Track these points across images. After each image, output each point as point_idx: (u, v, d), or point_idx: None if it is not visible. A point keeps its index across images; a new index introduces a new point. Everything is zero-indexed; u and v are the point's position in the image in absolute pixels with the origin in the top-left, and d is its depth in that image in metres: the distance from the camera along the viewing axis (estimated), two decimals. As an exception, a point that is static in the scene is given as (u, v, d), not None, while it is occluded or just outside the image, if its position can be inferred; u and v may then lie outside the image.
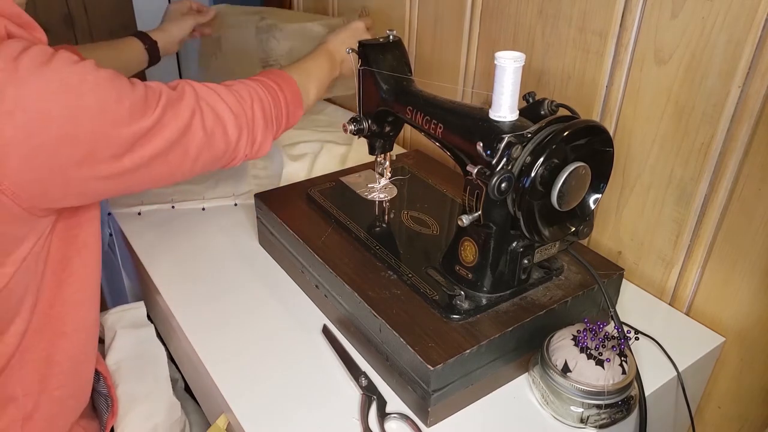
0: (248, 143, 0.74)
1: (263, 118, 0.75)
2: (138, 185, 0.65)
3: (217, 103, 0.70)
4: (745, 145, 0.70)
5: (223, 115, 0.70)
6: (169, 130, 0.63)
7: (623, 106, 0.81)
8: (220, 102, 0.70)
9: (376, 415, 0.65)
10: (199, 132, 0.67)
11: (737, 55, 0.67)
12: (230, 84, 0.74)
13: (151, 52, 1.06)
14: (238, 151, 0.73)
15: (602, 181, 0.66)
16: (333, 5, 1.39)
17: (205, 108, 0.68)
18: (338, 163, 1.13)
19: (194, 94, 0.68)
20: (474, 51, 1.03)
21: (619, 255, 0.88)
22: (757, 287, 0.73)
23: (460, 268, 0.70)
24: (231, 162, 0.74)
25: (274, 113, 0.77)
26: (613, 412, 0.63)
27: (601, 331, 0.65)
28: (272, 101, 0.77)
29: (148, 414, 0.76)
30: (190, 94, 0.67)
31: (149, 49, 1.06)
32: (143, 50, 1.05)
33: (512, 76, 0.61)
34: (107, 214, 1.01)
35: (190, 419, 0.84)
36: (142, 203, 1.01)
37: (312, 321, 0.78)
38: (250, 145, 0.74)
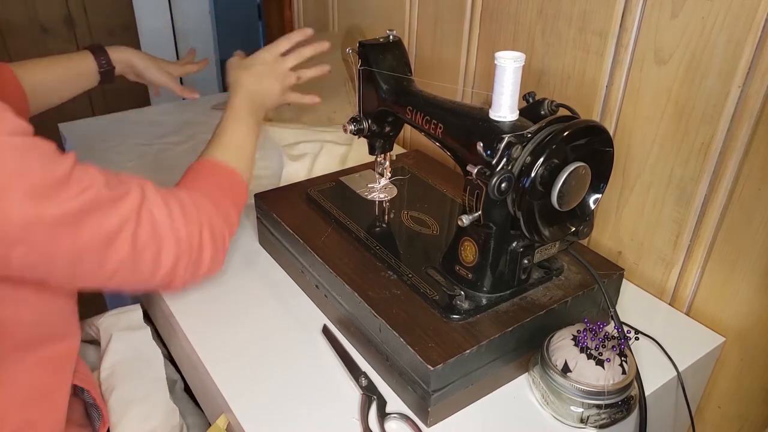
0: (190, 270, 0.65)
1: (212, 240, 0.67)
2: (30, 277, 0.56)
3: (162, 220, 0.61)
4: (745, 145, 0.70)
5: (164, 236, 0.61)
6: (86, 234, 0.55)
7: (623, 106, 0.81)
8: (166, 219, 0.62)
9: (376, 415, 0.65)
10: (125, 247, 0.58)
11: (737, 55, 0.67)
12: (179, 196, 0.66)
13: (105, 75, 1.03)
14: (174, 278, 0.64)
15: (602, 181, 0.66)
16: (333, 5, 1.39)
17: (145, 220, 0.60)
18: (338, 163, 1.13)
19: (139, 200, 0.60)
20: (474, 51, 1.03)
21: (619, 255, 0.88)
22: (757, 287, 0.73)
23: (460, 268, 0.70)
24: (165, 287, 0.66)
25: (226, 229, 0.70)
26: (613, 412, 0.63)
27: (601, 331, 0.65)
28: (221, 216, 0.69)
29: (145, 417, 0.76)
30: (133, 199, 0.59)
31: (103, 72, 1.02)
32: (95, 70, 1.01)
33: (512, 76, 0.61)
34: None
35: (189, 422, 0.83)
36: None
37: (312, 321, 0.78)
38: (192, 271, 0.66)
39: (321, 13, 1.45)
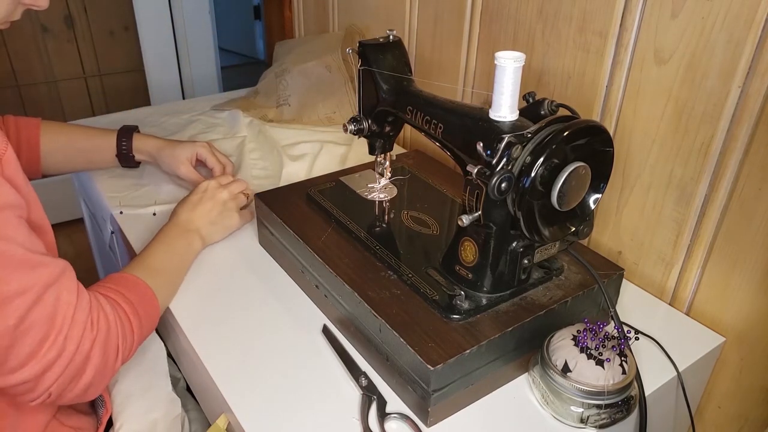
0: (65, 379, 0.58)
1: (102, 357, 0.61)
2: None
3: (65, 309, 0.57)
4: (745, 145, 0.70)
5: (58, 326, 0.56)
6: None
7: (623, 106, 0.81)
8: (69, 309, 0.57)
9: (376, 415, 0.65)
10: (11, 318, 0.53)
11: (737, 55, 0.67)
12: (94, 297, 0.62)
13: (124, 158, 1.03)
14: (43, 379, 0.56)
15: (602, 181, 0.66)
16: (333, 5, 1.39)
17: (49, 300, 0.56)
18: (338, 163, 1.13)
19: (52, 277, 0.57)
20: (474, 51, 1.03)
21: (619, 255, 0.88)
22: (757, 287, 0.73)
23: (460, 268, 0.70)
24: (26, 392, 0.57)
25: (122, 353, 0.64)
26: (613, 412, 0.63)
27: (601, 331, 0.65)
28: (123, 337, 0.64)
29: (147, 409, 0.76)
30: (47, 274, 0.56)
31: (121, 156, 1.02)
32: (113, 152, 1.02)
33: (512, 76, 0.61)
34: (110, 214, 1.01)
35: (191, 416, 0.84)
36: (155, 203, 1.02)
37: (312, 321, 0.78)
38: (66, 381, 0.58)
39: (321, 13, 1.45)
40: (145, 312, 0.69)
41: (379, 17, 1.24)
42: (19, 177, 0.59)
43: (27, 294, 0.54)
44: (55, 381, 0.57)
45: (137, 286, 0.70)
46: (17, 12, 0.67)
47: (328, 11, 1.40)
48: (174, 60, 2.19)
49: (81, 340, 0.58)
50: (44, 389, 0.57)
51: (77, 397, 0.61)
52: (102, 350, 0.60)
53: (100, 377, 0.61)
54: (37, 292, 0.55)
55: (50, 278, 0.57)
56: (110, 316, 0.62)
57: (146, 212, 0.99)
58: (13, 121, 0.94)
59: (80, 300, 0.59)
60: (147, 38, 2.11)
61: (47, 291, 0.56)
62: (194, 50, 2.22)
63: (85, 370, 0.59)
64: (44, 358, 0.56)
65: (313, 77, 1.24)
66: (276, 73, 1.30)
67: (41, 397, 0.58)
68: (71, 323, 0.57)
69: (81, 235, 1.43)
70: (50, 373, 0.56)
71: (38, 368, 0.56)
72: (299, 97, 1.25)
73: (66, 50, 2.04)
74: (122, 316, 0.65)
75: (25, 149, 0.95)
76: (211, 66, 2.28)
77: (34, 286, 0.55)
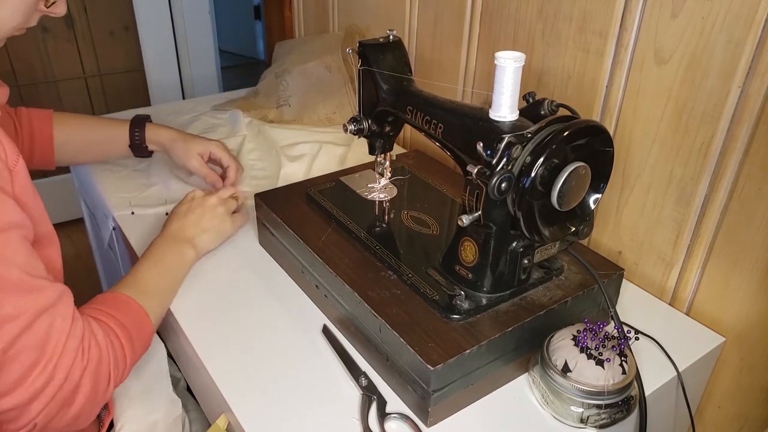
0: (54, 407, 0.56)
1: (93, 386, 0.59)
2: None
3: (58, 335, 0.55)
4: (745, 145, 0.70)
5: (49, 353, 0.55)
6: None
7: (623, 106, 0.81)
8: (62, 336, 0.56)
9: (376, 415, 0.65)
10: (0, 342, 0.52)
11: (737, 55, 0.67)
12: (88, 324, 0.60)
13: (136, 148, 1.02)
14: (30, 407, 0.54)
15: (602, 181, 0.66)
16: (333, 5, 1.39)
17: (41, 326, 0.54)
18: (337, 163, 1.13)
19: (48, 303, 0.55)
20: (474, 51, 1.03)
21: (619, 255, 0.88)
22: (757, 287, 0.73)
23: (460, 268, 0.70)
24: (12, 420, 0.55)
25: (113, 380, 0.62)
26: (613, 412, 0.63)
27: (601, 331, 0.65)
28: (115, 363, 0.62)
29: (148, 410, 0.76)
30: (42, 299, 0.55)
31: (134, 146, 1.01)
32: (126, 141, 1.01)
33: (512, 76, 0.61)
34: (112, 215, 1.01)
35: (191, 416, 0.84)
36: (165, 202, 1.02)
37: (312, 321, 0.78)
38: (56, 410, 0.56)
39: (321, 13, 1.45)
40: (138, 334, 0.68)
41: (379, 17, 1.24)
42: (28, 189, 0.59)
43: (19, 318, 0.53)
44: (41, 411, 0.55)
45: (129, 308, 0.68)
46: (34, 19, 0.67)
47: (328, 11, 1.40)
48: (174, 60, 2.19)
49: (71, 369, 0.56)
50: (29, 419, 0.55)
51: (67, 427, 0.59)
52: (93, 379, 0.59)
53: (90, 407, 0.60)
54: (30, 318, 0.54)
55: (46, 303, 0.55)
56: (102, 343, 0.61)
57: (158, 212, 0.99)
58: (26, 113, 0.94)
59: (74, 327, 0.57)
60: (147, 38, 2.11)
61: (40, 317, 0.55)
62: (194, 50, 2.22)
63: (75, 400, 0.58)
64: (32, 386, 0.54)
65: (313, 78, 1.24)
66: (276, 73, 1.30)
67: (26, 427, 0.56)
68: (62, 351, 0.56)
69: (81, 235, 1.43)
70: (36, 402, 0.55)
71: (24, 396, 0.54)
72: (299, 98, 1.25)
73: (66, 50, 2.04)
74: (114, 341, 0.63)
75: (39, 140, 0.95)
76: (211, 66, 2.28)
77: (27, 311, 0.53)
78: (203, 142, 1.01)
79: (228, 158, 1.01)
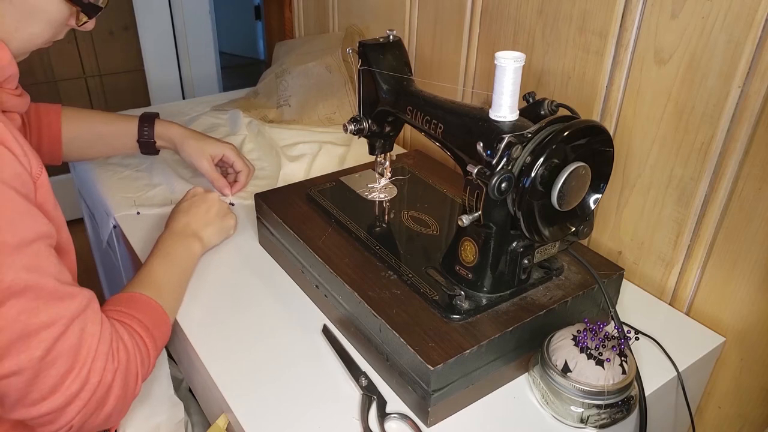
0: (89, 409, 0.57)
1: (123, 386, 0.60)
2: None
3: (90, 340, 0.57)
4: (745, 145, 0.70)
5: (82, 358, 0.56)
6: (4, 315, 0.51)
7: (623, 106, 0.81)
8: (93, 341, 0.57)
9: (376, 415, 0.65)
10: (38, 350, 0.53)
11: (737, 55, 0.67)
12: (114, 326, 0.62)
13: (145, 145, 1.02)
14: (66, 411, 0.56)
15: (602, 181, 0.66)
16: (333, 5, 1.39)
17: (74, 332, 0.55)
18: (336, 163, 1.13)
19: (79, 309, 0.57)
20: (474, 51, 1.03)
21: (619, 255, 0.88)
22: (757, 287, 0.73)
23: (460, 268, 0.70)
24: (48, 423, 0.56)
25: (140, 377, 0.64)
26: (613, 412, 0.63)
27: (601, 331, 0.65)
28: (141, 360, 0.64)
29: (150, 413, 0.76)
30: (74, 306, 0.56)
31: (142, 142, 1.01)
32: (134, 137, 1.01)
33: (512, 76, 0.61)
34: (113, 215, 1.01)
35: (193, 420, 0.84)
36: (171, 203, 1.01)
37: (312, 321, 0.78)
38: (90, 412, 0.58)
39: (321, 13, 1.45)
40: (159, 332, 0.69)
41: (379, 17, 1.24)
42: (50, 201, 0.60)
43: (55, 326, 0.54)
44: (77, 413, 0.57)
45: (149, 307, 0.70)
46: (62, 33, 0.68)
47: (328, 11, 1.40)
48: (174, 60, 2.19)
49: (104, 372, 0.58)
50: (66, 422, 0.57)
51: (99, 427, 0.61)
52: (123, 380, 0.60)
53: (121, 406, 0.61)
54: (65, 324, 0.55)
55: (77, 310, 0.56)
56: (129, 344, 0.62)
57: (162, 212, 0.99)
58: (33, 108, 0.94)
59: (103, 331, 0.59)
60: (147, 38, 2.11)
61: (73, 323, 0.56)
62: (194, 50, 2.22)
63: (108, 401, 0.59)
64: (67, 390, 0.55)
65: (314, 78, 1.24)
66: (276, 73, 1.30)
67: (62, 429, 0.57)
68: (95, 355, 0.57)
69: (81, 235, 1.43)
70: (73, 405, 0.56)
71: (61, 401, 0.55)
72: (299, 98, 1.25)
73: (66, 50, 2.04)
74: (139, 342, 0.65)
75: (46, 135, 0.94)
76: (211, 66, 2.28)
77: (62, 318, 0.55)
78: (217, 145, 1.00)
79: (242, 164, 1.01)
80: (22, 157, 0.55)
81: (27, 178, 0.55)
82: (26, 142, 0.58)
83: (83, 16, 0.65)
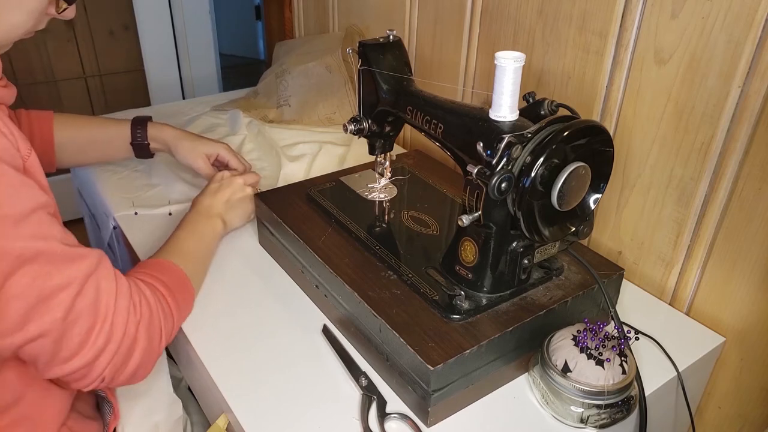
0: (117, 362, 0.60)
1: (147, 338, 0.63)
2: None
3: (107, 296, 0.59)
4: (745, 145, 0.70)
5: (102, 313, 0.58)
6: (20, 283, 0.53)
7: (623, 106, 0.81)
8: (111, 296, 0.59)
9: (376, 415, 0.65)
10: (59, 311, 0.55)
11: (737, 55, 0.67)
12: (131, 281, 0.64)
13: (138, 148, 1.01)
14: (96, 365, 0.59)
15: (602, 181, 0.66)
16: (333, 5, 1.39)
17: (90, 290, 0.57)
18: (336, 163, 1.13)
19: (91, 267, 0.58)
20: (474, 51, 1.03)
21: (619, 255, 0.88)
22: (757, 287, 0.73)
23: (460, 268, 0.70)
24: (80, 379, 0.60)
25: (165, 333, 0.66)
26: (613, 412, 0.63)
27: (601, 331, 0.65)
28: (165, 316, 0.66)
29: (149, 411, 0.76)
30: (86, 265, 0.58)
31: (136, 145, 1.00)
32: (127, 140, 1.00)
33: (512, 76, 0.61)
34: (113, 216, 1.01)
35: (193, 419, 0.84)
36: (168, 203, 1.02)
37: (312, 321, 0.78)
38: (118, 364, 0.60)
39: (321, 13, 1.45)
40: (182, 295, 0.72)
41: (379, 17, 1.24)
42: (43, 181, 0.61)
43: (70, 287, 0.56)
44: (107, 365, 0.60)
45: (171, 271, 0.72)
46: (43, 22, 0.68)
47: (328, 11, 1.40)
48: (174, 60, 2.19)
49: (127, 324, 0.60)
50: (98, 374, 0.60)
51: (128, 380, 0.63)
52: (147, 332, 0.63)
53: (147, 358, 0.64)
54: (80, 284, 0.57)
55: (89, 269, 0.58)
56: (151, 300, 0.65)
57: (161, 212, 0.99)
58: (25, 115, 0.94)
59: (120, 286, 0.61)
60: (147, 38, 2.11)
61: (88, 281, 0.58)
62: (194, 50, 2.22)
63: (134, 353, 0.62)
64: (94, 345, 0.58)
65: (314, 78, 1.24)
66: (276, 73, 1.30)
67: (95, 381, 0.60)
68: (115, 310, 0.59)
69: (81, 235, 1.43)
70: (102, 358, 0.59)
71: (90, 356, 0.58)
72: (299, 98, 1.25)
73: (66, 50, 2.04)
74: (161, 299, 0.67)
75: (39, 142, 0.95)
76: (211, 66, 2.28)
77: (76, 278, 0.57)
78: (211, 144, 1.01)
79: (237, 162, 1.01)
80: (9, 136, 0.56)
81: (15, 153, 0.56)
82: (15, 127, 0.58)
83: (63, 3, 0.66)
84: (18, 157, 0.57)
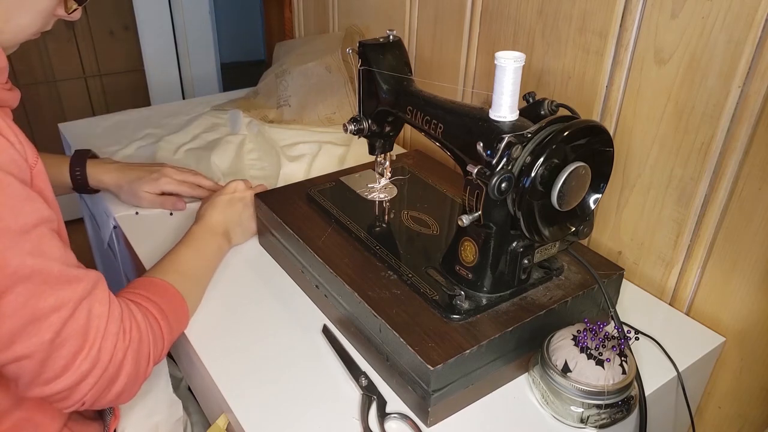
0: (100, 386, 0.59)
1: (134, 364, 0.61)
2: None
3: (98, 321, 0.58)
4: (745, 145, 0.70)
5: (91, 338, 0.57)
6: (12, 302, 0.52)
7: (623, 106, 0.81)
8: (102, 321, 0.58)
9: (376, 415, 0.65)
10: (48, 333, 0.54)
11: (737, 55, 0.67)
12: (124, 304, 0.63)
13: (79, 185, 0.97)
14: (78, 389, 0.58)
15: (602, 181, 0.66)
16: (333, 5, 1.39)
17: (81, 314, 0.56)
18: (336, 163, 1.13)
19: (85, 292, 0.57)
20: (474, 51, 1.03)
21: (619, 255, 0.88)
22: (757, 287, 0.73)
23: (460, 268, 0.70)
24: (62, 400, 0.58)
25: (152, 358, 0.65)
26: (613, 412, 0.63)
27: (601, 331, 0.65)
28: (154, 340, 0.65)
29: (149, 412, 0.76)
30: (81, 289, 0.57)
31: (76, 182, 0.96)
32: (67, 177, 0.96)
33: (512, 76, 0.61)
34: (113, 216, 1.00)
35: (193, 419, 0.84)
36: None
37: (312, 321, 0.78)
38: (102, 388, 0.59)
39: (321, 13, 1.45)
40: (175, 316, 0.70)
41: (379, 17, 1.24)
42: (48, 190, 0.60)
43: (62, 309, 0.55)
44: (89, 390, 0.58)
45: (166, 292, 0.71)
46: (50, 23, 0.68)
47: (328, 11, 1.40)
48: (174, 60, 2.19)
49: (114, 350, 0.59)
50: (79, 398, 0.58)
51: (111, 403, 0.62)
52: (134, 358, 0.61)
53: (132, 383, 0.62)
54: (72, 307, 0.56)
55: (84, 292, 0.57)
56: (142, 324, 0.63)
57: (161, 212, 0.99)
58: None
59: (112, 311, 0.60)
60: (147, 38, 2.11)
61: (81, 305, 0.57)
62: (194, 50, 2.22)
63: (118, 378, 0.60)
64: (78, 369, 0.57)
65: (314, 78, 1.24)
66: (276, 73, 1.30)
67: (76, 404, 0.59)
68: (104, 335, 0.58)
69: (81, 235, 1.43)
70: (84, 383, 0.58)
71: (73, 379, 0.57)
72: (299, 98, 1.25)
73: (66, 50, 2.04)
74: (153, 322, 0.65)
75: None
76: (211, 66, 2.28)
77: (69, 301, 0.56)
78: (150, 183, 0.96)
79: (184, 189, 0.97)
80: (17, 144, 0.55)
81: (23, 164, 0.56)
82: (21, 132, 0.58)
83: (72, 3, 0.65)
84: (26, 168, 0.56)
